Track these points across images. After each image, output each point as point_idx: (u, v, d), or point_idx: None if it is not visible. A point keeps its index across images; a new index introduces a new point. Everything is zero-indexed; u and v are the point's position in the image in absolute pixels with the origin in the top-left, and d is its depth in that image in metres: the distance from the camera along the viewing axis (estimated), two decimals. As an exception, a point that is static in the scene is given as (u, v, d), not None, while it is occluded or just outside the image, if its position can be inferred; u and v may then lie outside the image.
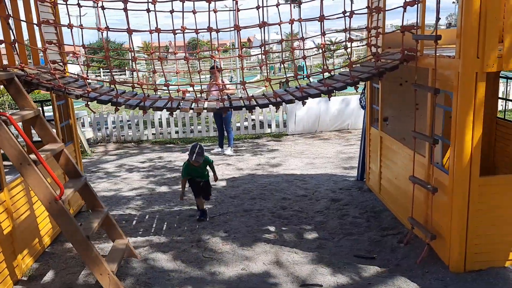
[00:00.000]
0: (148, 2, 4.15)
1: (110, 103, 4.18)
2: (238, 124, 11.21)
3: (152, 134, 11.07)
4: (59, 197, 3.48)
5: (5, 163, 3.97)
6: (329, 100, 4.53)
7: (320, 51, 4.78)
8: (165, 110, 4.25)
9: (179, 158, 8.97)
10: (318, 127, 11.26)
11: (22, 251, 4.07)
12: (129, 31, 4.06)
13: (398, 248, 4.29)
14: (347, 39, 4.46)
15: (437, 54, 3.70)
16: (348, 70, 4.70)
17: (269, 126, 11.31)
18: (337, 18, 4.59)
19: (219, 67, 7.50)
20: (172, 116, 5.32)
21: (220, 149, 9.38)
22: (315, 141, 10.28)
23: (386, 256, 4.18)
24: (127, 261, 4.23)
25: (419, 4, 4.01)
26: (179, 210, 5.75)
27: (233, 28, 4.18)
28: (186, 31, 4.21)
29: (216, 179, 5.59)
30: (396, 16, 4.27)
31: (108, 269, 3.62)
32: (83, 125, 10.86)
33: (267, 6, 5.06)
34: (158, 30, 4.04)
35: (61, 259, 4.40)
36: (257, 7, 4.49)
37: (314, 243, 4.61)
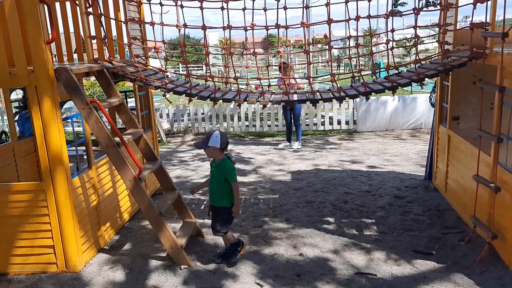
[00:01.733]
0: (222, 1, 4.47)
1: (184, 94, 4.57)
2: (308, 120, 11.36)
3: (224, 127, 11.56)
4: (137, 176, 3.92)
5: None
6: (393, 96, 4.57)
7: (398, 47, 4.81)
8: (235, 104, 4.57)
9: (249, 151, 9.34)
10: (390, 125, 11.08)
11: (105, 223, 4.60)
12: (204, 28, 4.41)
13: (459, 246, 4.26)
14: (413, 36, 4.48)
15: (506, 52, 3.65)
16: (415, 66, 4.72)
17: (339, 123, 11.34)
18: (405, 15, 4.64)
19: (286, 63, 7.76)
20: (239, 108, 5.61)
21: (287, 143, 9.60)
22: (385, 139, 10.16)
23: (445, 253, 4.18)
24: (195, 239, 4.61)
25: (490, 1, 3.95)
26: (244, 198, 6.07)
27: (299, 25, 4.37)
28: (256, 27, 4.48)
29: (235, 211, 3.99)
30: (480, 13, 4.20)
31: (177, 244, 4.01)
32: (161, 116, 11.62)
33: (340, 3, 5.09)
34: (229, 27, 4.35)
35: (137, 233, 4.89)
36: (326, 4, 4.64)
37: (372, 236, 4.69)
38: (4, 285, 3.88)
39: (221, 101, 4.62)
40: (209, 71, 4.78)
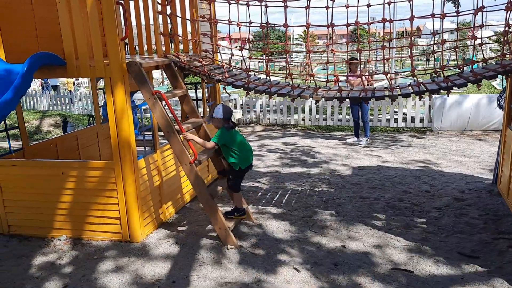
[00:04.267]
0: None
1: (242, 88, 4.90)
2: (380, 116, 11.22)
3: (294, 119, 11.80)
4: (193, 161, 4.33)
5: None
6: (447, 96, 4.52)
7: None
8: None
9: (316, 144, 9.51)
10: (468, 124, 10.60)
11: (167, 202, 5.11)
12: (262, 26, 4.69)
13: (507, 252, 4.15)
14: (473, 34, 4.39)
15: None
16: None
17: (413, 120, 11.07)
18: (467, 14, 4.54)
19: (357, 59, 7.80)
20: (293, 103, 5.83)
21: (355, 139, 9.61)
22: (461, 139, 9.77)
23: (491, 258, 4.10)
24: (245, 224, 4.96)
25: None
26: (300, 190, 6.30)
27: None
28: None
29: (185, 134, 4.38)
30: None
31: (225, 225, 4.38)
32: (234, 107, 12.14)
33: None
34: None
35: (195, 214, 5.36)
36: (388, 3, 4.66)
37: (419, 235, 4.70)
38: (78, 248, 4.52)
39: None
40: (266, 65, 5.03)
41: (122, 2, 4.23)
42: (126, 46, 6.33)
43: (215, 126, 4.55)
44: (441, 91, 4.50)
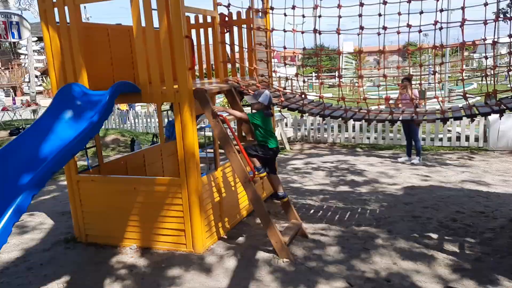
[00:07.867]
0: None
1: (297, 111, 5.22)
2: (433, 135, 11.16)
3: (345, 137, 11.94)
4: (251, 179, 4.68)
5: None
6: (500, 119, 4.61)
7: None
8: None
9: (366, 162, 9.63)
10: (526, 144, 10.33)
11: (226, 216, 5.48)
12: (316, 55, 5.01)
13: (563, 275, 4.16)
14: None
15: None
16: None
17: (467, 139, 10.92)
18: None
19: (409, 79, 7.93)
20: (346, 124, 6.04)
21: (407, 158, 9.63)
22: (518, 160, 9.55)
23: (546, 281, 4.13)
24: (299, 239, 5.22)
25: None
26: (351, 208, 6.49)
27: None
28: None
29: (216, 107, 4.91)
30: None
31: (281, 239, 4.67)
32: (286, 125, 12.47)
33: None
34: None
35: (251, 228, 5.69)
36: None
37: (473, 255, 4.76)
38: (148, 256, 4.97)
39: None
40: (319, 88, 5.32)
41: (189, 36, 4.69)
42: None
43: (255, 108, 4.95)
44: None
